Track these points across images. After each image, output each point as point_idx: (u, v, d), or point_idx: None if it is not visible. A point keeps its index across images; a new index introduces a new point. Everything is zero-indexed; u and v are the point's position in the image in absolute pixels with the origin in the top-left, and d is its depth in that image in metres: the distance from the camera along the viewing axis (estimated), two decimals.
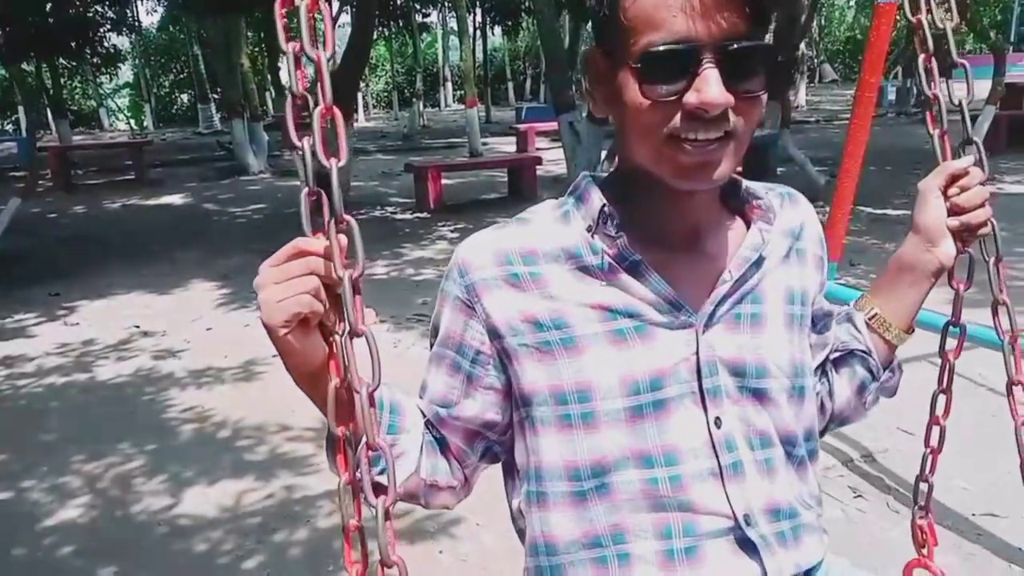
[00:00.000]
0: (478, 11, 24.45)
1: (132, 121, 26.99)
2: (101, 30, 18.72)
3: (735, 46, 0.78)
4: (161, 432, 3.63)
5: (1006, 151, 11.67)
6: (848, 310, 1.11)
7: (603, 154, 8.17)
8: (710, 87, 0.77)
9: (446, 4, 24.37)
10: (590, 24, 0.91)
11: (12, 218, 7.21)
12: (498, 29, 26.90)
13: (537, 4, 8.80)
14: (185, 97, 32.07)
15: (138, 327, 5.25)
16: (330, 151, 0.75)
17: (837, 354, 1.09)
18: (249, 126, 13.94)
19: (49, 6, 14.02)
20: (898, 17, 3.04)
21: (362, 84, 24.65)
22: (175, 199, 11.25)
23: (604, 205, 0.89)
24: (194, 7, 14.62)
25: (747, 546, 0.91)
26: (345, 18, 17.77)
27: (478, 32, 26.64)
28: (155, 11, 27.52)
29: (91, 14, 17.94)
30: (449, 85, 32.83)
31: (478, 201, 9.89)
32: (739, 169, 0.91)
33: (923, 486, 1.21)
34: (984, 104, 10.18)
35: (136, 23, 23.94)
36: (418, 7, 22.64)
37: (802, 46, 19.03)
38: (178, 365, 4.49)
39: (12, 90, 25.38)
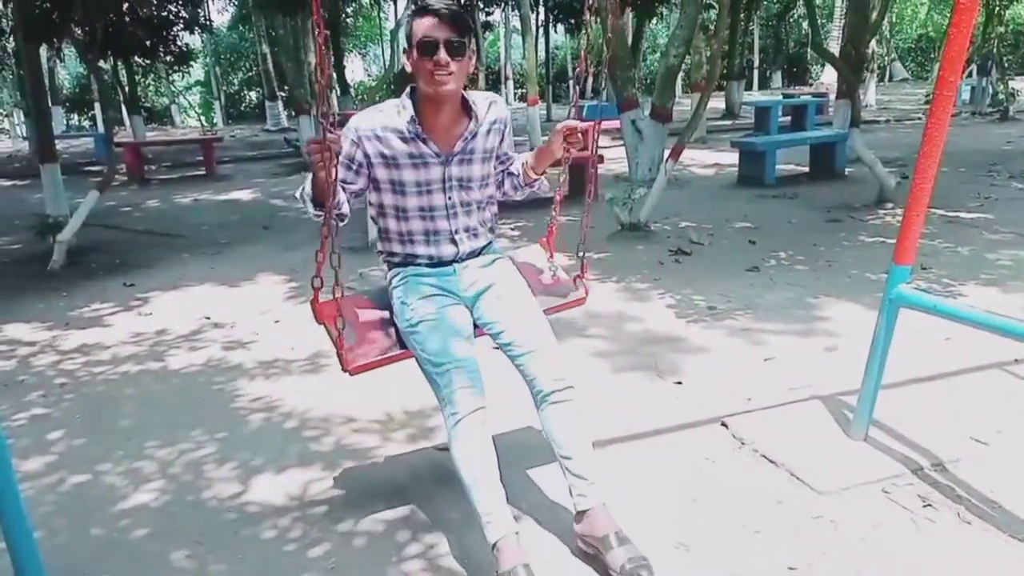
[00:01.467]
0: (541, 9, 24.41)
1: (203, 118, 27.71)
2: (175, 29, 19.27)
3: (452, 40, 2.28)
4: (231, 420, 3.74)
5: None
6: (520, 157, 2.70)
7: (666, 153, 8.09)
8: (441, 54, 2.27)
9: (510, 3, 24.43)
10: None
11: (90, 211, 7.46)
12: (560, 27, 26.80)
13: (601, 2, 8.76)
14: (253, 95, 32.79)
15: (209, 318, 5.40)
16: (323, 81, 2.17)
17: (509, 171, 2.71)
18: (315, 123, 14.17)
19: (125, 6, 14.43)
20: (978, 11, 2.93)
21: None
22: (244, 194, 11.52)
23: (413, 114, 2.39)
24: (264, 6, 14.95)
25: (454, 242, 2.56)
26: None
27: (541, 30, 26.61)
28: (226, 10, 28.21)
29: (165, 14, 18.47)
30: (511, 83, 32.89)
31: (538, 199, 9.85)
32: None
33: (551, 221, 2.96)
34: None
35: (208, 22, 24.56)
36: (481, 6, 22.73)
37: (872, 44, 18.53)
38: (247, 356, 4.61)
39: (88, 87, 26.29)
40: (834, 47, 18.82)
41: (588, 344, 4.52)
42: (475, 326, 2.55)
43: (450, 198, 2.50)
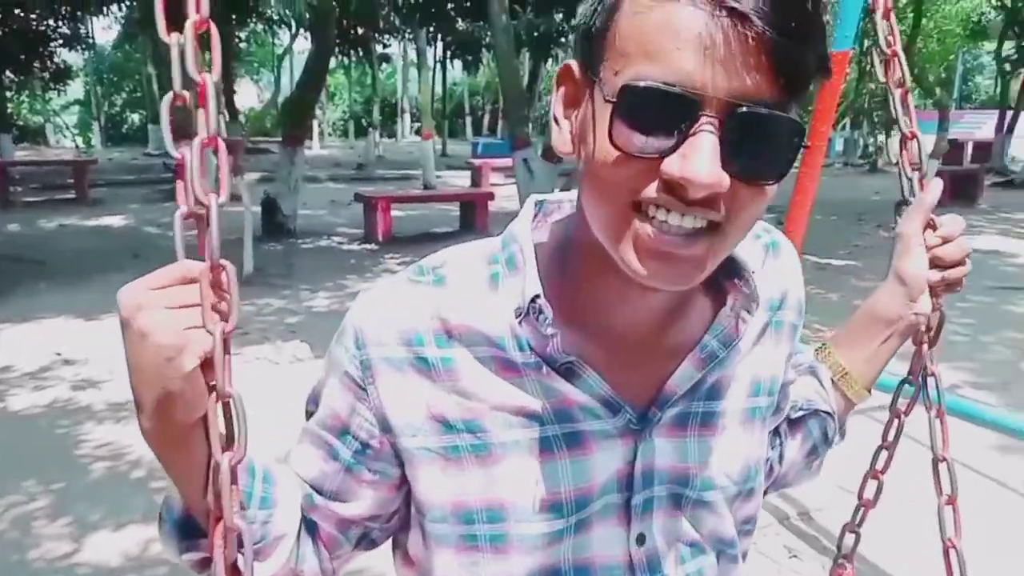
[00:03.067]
0: (439, 44, 24.52)
1: (79, 139, 26.36)
2: (52, 45, 18.38)
3: (748, 109, 0.56)
4: (71, 469, 3.42)
5: (949, 204, 11.99)
6: (812, 363, 0.98)
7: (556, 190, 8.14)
8: (701, 157, 0.56)
9: (407, 36, 24.44)
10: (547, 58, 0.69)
11: None
12: (458, 63, 27.00)
13: (496, 39, 8.81)
14: (136, 117, 31.55)
15: (60, 354, 4.99)
16: (210, 187, 0.65)
17: (799, 413, 0.95)
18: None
19: None
20: (848, 69, 3.05)
21: (318, 111, 24.48)
22: (116, 220, 10.93)
23: (537, 296, 0.68)
24: (150, 24, 14.41)
25: None
26: (305, 43, 17.68)
27: (438, 65, 26.72)
28: (110, 28, 27.16)
29: (43, 28, 17.59)
30: (407, 117, 32.83)
31: (429, 234, 9.77)
32: None
33: (849, 537, 1.15)
34: (928, 158, 10.43)
35: (91, 40, 23.54)
36: (378, 37, 22.65)
37: None
38: (98, 397, 4.26)
39: None
40: None
41: None
42: None
43: (641, 537, 0.75)
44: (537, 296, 0.68)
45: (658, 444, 0.74)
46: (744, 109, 0.56)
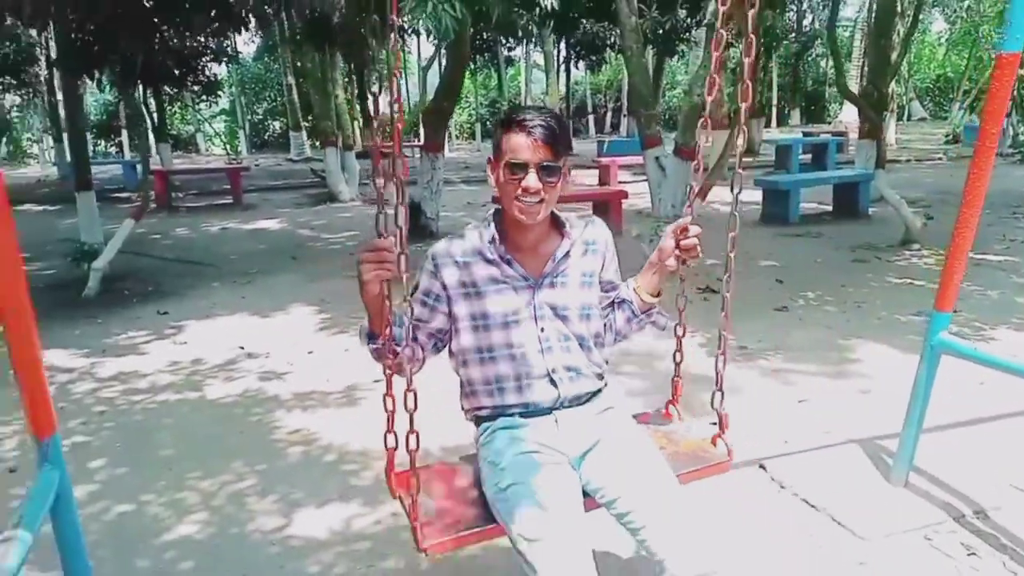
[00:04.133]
0: (563, 46, 24.70)
1: (227, 146, 28.02)
2: (203, 60, 19.61)
3: (544, 164, 1.93)
4: (269, 453, 3.78)
5: None
6: (626, 281, 2.22)
7: (687, 188, 8.15)
8: (532, 181, 1.93)
9: (532, 40, 24.73)
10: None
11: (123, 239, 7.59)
12: (582, 64, 27.10)
13: (625, 41, 8.89)
14: (277, 124, 33.24)
15: (243, 348, 5.46)
16: (396, 225, 1.85)
17: (619, 299, 2.22)
18: (341, 155, 14.39)
19: (158, 37, 14.74)
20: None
21: None
22: (271, 224, 11.67)
23: (494, 236, 2.04)
24: (294, 40, 15.24)
25: (552, 383, 2.05)
26: (427, 51, 18.18)
27: (562, 67, 26.92)
28: (251, 42, 28.70)
29: (195, 44, 18.78)
30: None
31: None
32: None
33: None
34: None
35: (235, 53, 24.96)
36: (504, 42, 23.04)
37: (892, 84, 18.65)
38: (283, 387, 4.66)
39: (115, 115, 26.72)
40: (852, 86, 18.91)
41: (620, 382, 4.54)
42: (585, 494, 1.99)
43: (543, 329, 2.04)
44: (494, 236, 2.05)
45: (544, 292, 2.06)
46: (544, 164, 1.94)
